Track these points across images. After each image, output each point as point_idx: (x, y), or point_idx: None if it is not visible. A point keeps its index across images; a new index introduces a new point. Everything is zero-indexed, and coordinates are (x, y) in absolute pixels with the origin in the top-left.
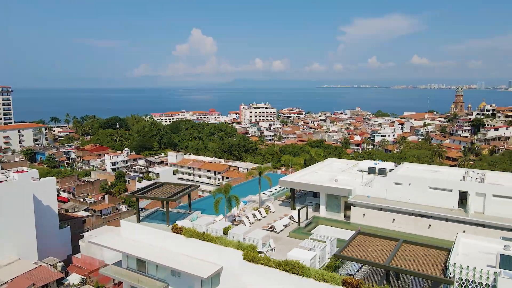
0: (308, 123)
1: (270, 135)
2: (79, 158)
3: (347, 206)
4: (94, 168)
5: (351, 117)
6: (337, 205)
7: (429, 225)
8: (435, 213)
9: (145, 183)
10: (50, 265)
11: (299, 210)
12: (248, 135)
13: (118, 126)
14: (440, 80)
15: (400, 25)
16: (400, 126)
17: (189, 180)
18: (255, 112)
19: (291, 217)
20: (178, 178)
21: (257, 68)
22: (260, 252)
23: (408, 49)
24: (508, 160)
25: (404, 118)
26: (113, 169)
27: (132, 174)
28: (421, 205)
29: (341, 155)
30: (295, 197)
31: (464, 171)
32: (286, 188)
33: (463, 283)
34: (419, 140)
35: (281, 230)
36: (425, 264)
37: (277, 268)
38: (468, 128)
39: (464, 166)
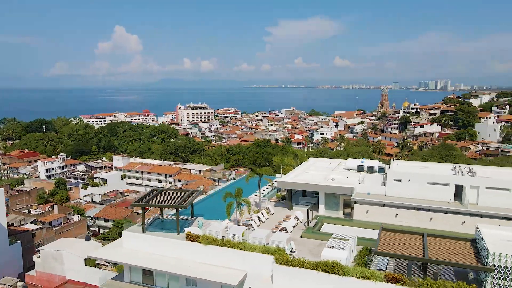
0: (245, 123)
1: (211, 136)
2: (6, 165)
3: (346, 204)
4: (26, 176)
5: (286, 116)
6: (335, 204)
7: (431, 218)
8: (435, 206)
9: (91, 190)
10: (9, 286)
11: (308, 210)
12: (189, 136)
13: (45, 130)
14: (361, 81)
15: (323, 28)
16: (335, 124)
17: (137, 184)
18: (193, 113)
19: (296, 218)
20: (127, 183)
21: (185, 68)
22: (289, 255)
23: (331, 51)
24: (438, 154)
25: (336, 116)
26: (48, 176)
27: (74, 180)
28: (420, 200)
29: (297, 155)
30: (291, 197)
31: (452, 166)
32: (275, 188)
33: (502, 270)
34: (354, 137)
35: (291, 231)
36: (458, 255)
37: (315, 270)
38: (397, 125)
39: (401, 159)
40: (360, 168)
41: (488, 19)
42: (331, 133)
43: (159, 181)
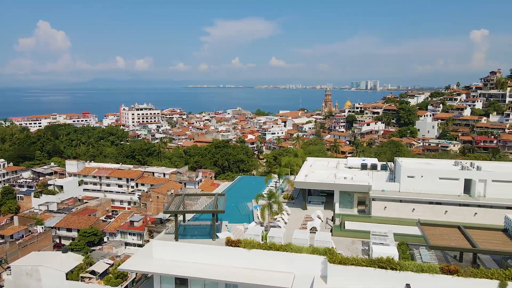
0: (193, 123)
1: (161, 137)
2: None
3: (360, 202)
4: None
5: (234, 116)
6: (350, 201)
7: (446, 211)
8: (449, 200)
9: (45, 198)
10: None
11: (333, 209)
12: (138, 138)
13: None
14: (296, 81)
15: (259, 28)
16: (283, 124)
17: (95, 190)
18: (138, 114)
19: (318, 217)
20: (84, 190)
21: (118, 67)
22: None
23: (267, 51)
24: (389, 150)
25: (282, 116)
26: None
27: (23, 189)
28: (433, 194)
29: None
30: (306, 197)
31: (454, 161)
32: (279, 189)
33: None
34: (304, 136)
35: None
36: (501, 244)
37: (371, 267)
38: (344, 124)
39: (357, 156)
40: (363, 166)
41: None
42: (282, 133)
43: (120, 186)
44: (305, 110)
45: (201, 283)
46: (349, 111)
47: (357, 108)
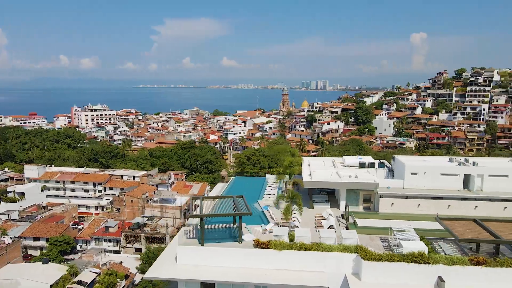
0: (150, 124)
1: (123, 139)
2: None
3: (365, 199)
4: None
5: (191, 117)
6: (355, 199)
7: (449, 205)
8: (451, 194)
9: (5, 206)
10: None
11: (347, 207)
12: (96, 140)
13: None
14: (248, 81)
15: (210, 28)
16: (243, 123)
17: (59, 196)
18: (92, 115)
19: (331, 215)
20: (47, 196)
21: (62, 66)
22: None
23: (218, 51)
24: (352, 148)
25: (240, 116)
26: None
27: None
28: (436, 190)
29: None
30: (311, 196)
31: (448, 158)
32: (279, 188)
33: None
34: (265, 135)
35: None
36: None
37: (405, 262)
38: (304, 123)
39: (322, 155)
40: (362, 165)
41: (356, 28)
42: (244, 132)
43: (86, 191)
44: (262, 110)
45: (228, 286)
46: (308, 111)
47: (315, 107)
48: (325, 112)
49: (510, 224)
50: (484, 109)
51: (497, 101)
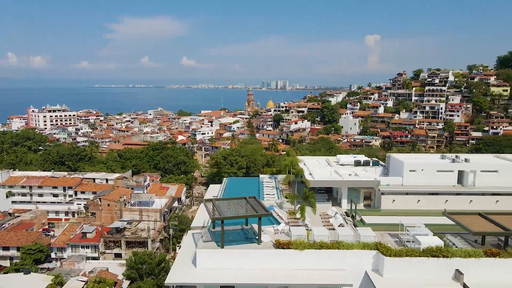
0: (113, 125)
1: (83, 141)
2: None
3: (366, 197)
4: None
5: (156, 117)
6: (356, 197)
7: (446, 200)
8: (448, 190)
9: None
10: None
11: (355, 205)
12: (58, 142)
13: None
14: (209, 80)
15: (169, 27)
16: (209, 123)
17: (25, 202)
18: (51, 116)
19: (337, 213)
20: (13, 202)
21: (10, 64)
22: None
23: (178, 50)
24: (323, 146)
25: (205, 116)
26: None
27: None
28: (433, 186)
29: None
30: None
31: (440, 155)
32: (276, 188)
33: None
34: (233, 135)
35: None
36: None
37: (424, 256)
38: (271, 122)
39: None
40: (357, 163)
41: (314, 29)
42: (212, 132)
43: (55, 196)
44: (227, 110)
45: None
46: (275, 110)
47: (282, 107)
48: (292, 112)
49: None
50: (441, 108)
51: (452, 100)
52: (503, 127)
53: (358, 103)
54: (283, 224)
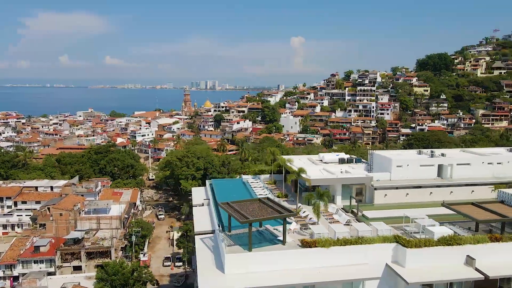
0: (38, 128)
1: (7, 146)
2: None
3: (357, 193)
4: None
5: (87, 119)
6: (348, 193)
7: (430, 192)
8: (431, 183)
9: None
10: None
11: (357, 202)
12: None
13: None
14: (136, 80)
15: (91, 24)
16: (147, 125)
17: None
18: None
19: (339, 209)
20: None
21: None
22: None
23: (101, 49)
24: (268, 145)
25: (141, 117)
26: None
27: None
28: (418, 180)
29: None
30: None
31: (417, 151)
32: (265, 187)
33: None
34: (173, 136)
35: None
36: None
37: (440, 246)
38: (212, 123)
39: (242, 155)
40: (341, 161)
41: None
42: (152, 134)
43: None
44: (161, 110)
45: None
46: (215, 110)
47: (222, 107)
48: (232, 112)
49: (499, 204)
50: (373, 107)
51: (381, 99)
52: (427, 123)
53: (296, 103)
54: (294, 224)
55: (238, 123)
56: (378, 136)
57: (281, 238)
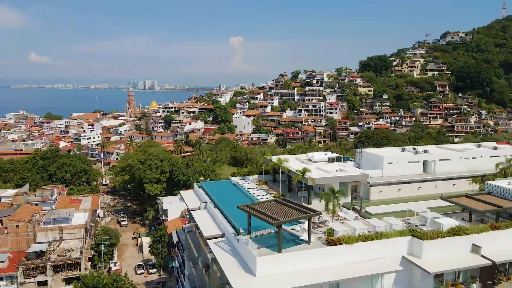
0: None
1: None
2: None
3: (353, 190)
4: None
5: (18, 121)
6: (345, 190)
7: (419, 187)
8: (419, 178)
9: None
10: None
11: (360, 199)
12: None
13: None
14: (67, 80)
15: (9, 18)
16: (90, 127)
17: None
18: None
19: (342, 208)
20: None
21: None
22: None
23: (24, 45)
24: (227, 146)
25: (76, 119)
26: None
27: None
28: (406, 175)
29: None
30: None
31: (401, 148)
32: (260, 188)
33: None
34: (121, 139)
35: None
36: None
37: (451, 236)
38: (162, 124)
39: (199, 156)
40: (331, 159)
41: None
42: (98, 136)
43: None
44: (101, 112)
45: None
46: (163, 111)
47: (171, 108)
48: (182, 112)
49: (488, 195)
50: (322, 106)
51: (329, 99)
52: (373, 122)
53: (247, 103)
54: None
55: (190, 124)
56: (329, 135)
57: (303, 237)
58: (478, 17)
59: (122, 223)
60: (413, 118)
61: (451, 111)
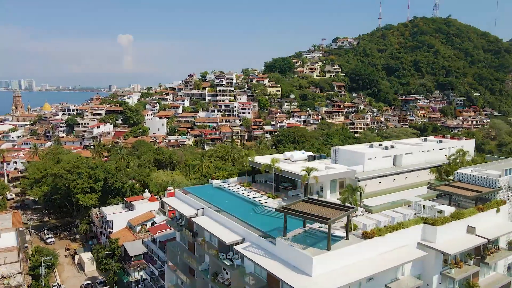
0: None
1: None
2: None
3: (340, 186)
4: None
5: None
6: (334, 187)
7: (394, 179)
8: (393, 171)
9: None
10: None
11: (360, 193)
12: None
13: None
14: None
15: None
16: None
17: None
18: None
19: None
20: None
21: None
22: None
23: None
24: (149, 150)
25: None
26: None
27: None
28: (381, 169)
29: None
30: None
31: (370, 144)
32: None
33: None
34: (15, 146)
35: None
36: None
37: (453, 220)
38: (64, 128)
39: (121, 161)
40: (310, 158)
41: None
42: None
43: None
44: None
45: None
46: (63, 114)
47: (72, 110)
48: (87, 115)
49: (459, 183)
50: (235, 106)
51: (240, 99)
52: (285, 121)
53: (157, 104)
54: None
55: (98, 127)
56: (246, 134)
57: (337, 234)
58: (361, 24)
59: (48, 240)
60: (320, 117)
61: (350, 109)
